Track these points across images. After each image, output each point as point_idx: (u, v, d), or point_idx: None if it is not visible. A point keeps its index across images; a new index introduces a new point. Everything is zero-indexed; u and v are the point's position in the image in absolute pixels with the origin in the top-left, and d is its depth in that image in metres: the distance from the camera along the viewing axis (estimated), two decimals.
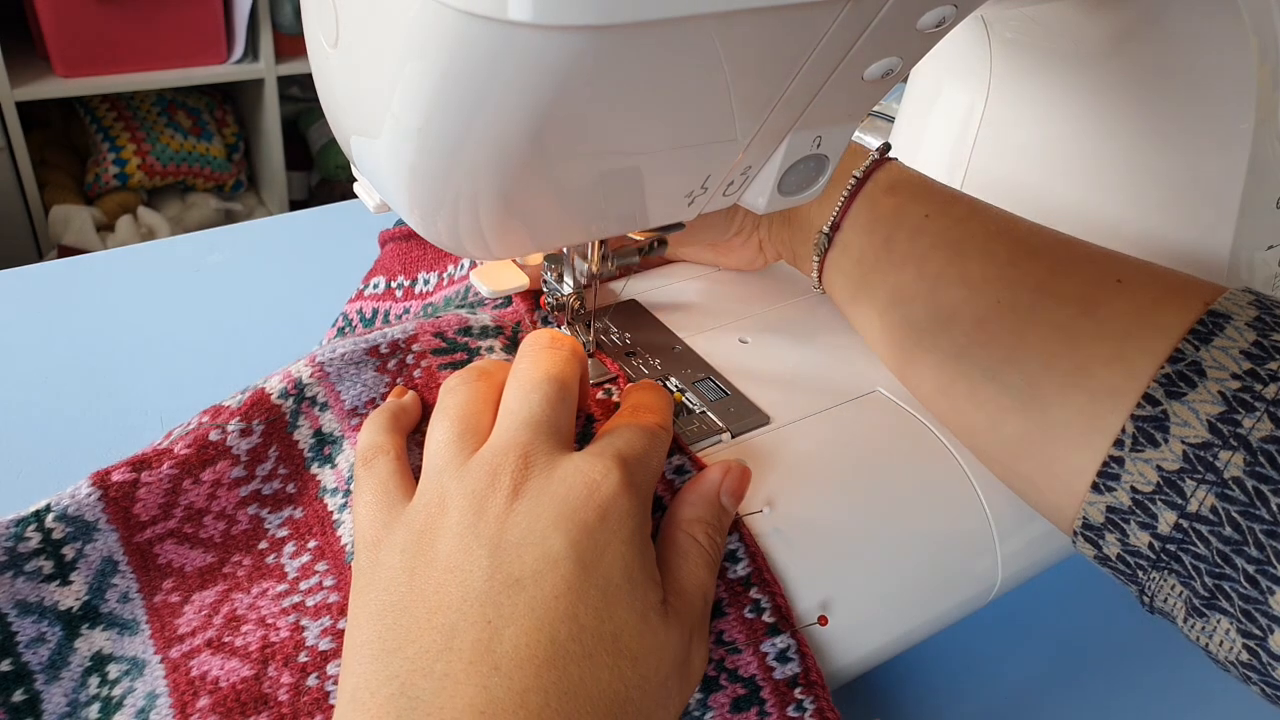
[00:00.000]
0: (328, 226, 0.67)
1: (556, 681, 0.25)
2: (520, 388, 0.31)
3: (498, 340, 0.40)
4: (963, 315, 0.35)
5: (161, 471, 0.34)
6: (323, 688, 0.30)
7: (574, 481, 0.28)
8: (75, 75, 1.57)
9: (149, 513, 0.34)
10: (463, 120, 0.22)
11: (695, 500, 0.32)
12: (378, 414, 0.34)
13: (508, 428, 0.30)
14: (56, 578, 0.32)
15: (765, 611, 0.32)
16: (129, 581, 0.33)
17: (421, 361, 0.38)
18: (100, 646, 0.32)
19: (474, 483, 0.29)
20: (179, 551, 0.34)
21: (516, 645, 0.25)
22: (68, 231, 1.63)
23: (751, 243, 0.46)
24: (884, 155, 0.40)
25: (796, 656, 0.31)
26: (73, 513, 0.33)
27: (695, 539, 0.31)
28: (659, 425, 0.32)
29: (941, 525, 0.36)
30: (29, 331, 0.53)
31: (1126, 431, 0.29)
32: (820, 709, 0.30)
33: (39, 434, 0.45)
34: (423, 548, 0.28)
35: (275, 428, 0.36)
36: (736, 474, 0.33)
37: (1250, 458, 0.27)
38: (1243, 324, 0.29)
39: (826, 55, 0.24)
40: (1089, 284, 0.33)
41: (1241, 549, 0.27)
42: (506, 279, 0.39)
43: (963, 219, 0.37)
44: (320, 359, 0.37)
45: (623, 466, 0.29)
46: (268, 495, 0.35)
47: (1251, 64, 0.37)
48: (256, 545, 0.35)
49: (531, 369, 0.32)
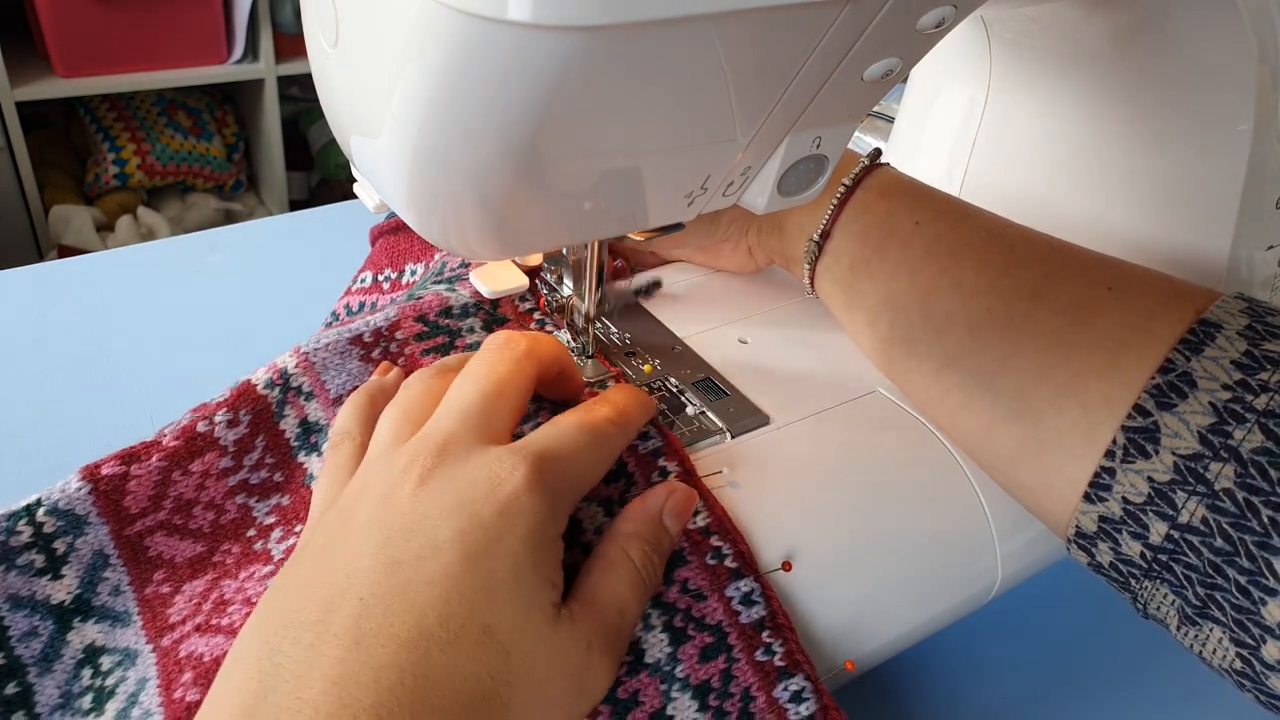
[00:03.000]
0: (328, 226, 0.67)
1: (415, 663, 0.25)
2: (459, 384, 0.32)
3: (478, 318, 0.40)
4: (955, 324, 0.35)
5: (150, 464, 0.34)
6: None
7: (479, 476, 0.28)
8: (75, 75, 1.57)
9: (139, 505, 0.34)
10: (462, 120, 0.22)
11: (636, 516, 0.32)
12: (356, 397, 0.35)
13: (437, 416, 0.31)
14: (48, 572, 0.33)
15: (727, 558, 0.32)
16: (120, 574, 0.34)
17: (405, 348, 0.38)
18: (93, 639, 0.32)
19: (393, 469, 0.29)
20: (169, 543, 0.34)
21: (381, 623, 0.25)
22: (68, 231, 1.63)
23: (741, 248, 0.46)
24: (875, 161, 0.40)
25: (761, 600, 0.31)
26: (63, 506, 0.33)
27: (627, 553, 0.30)
28: (607, 421, 0.32)
29: (941, 525, 0.36)
30: (29, 331, 0.53)
31: (1117, 443, 0.29)
32: (789, 651, 0.30)
33: (39, 434, 0.45)
34: (339, 528, 0.29)
35: (262, 418, 0.36)
36: (681, 496, 0.32)
37: (1241, 469, 0.27)
38: (1234, 333, 0.29)
39: (826, 56, 0.24)
40: (1081, 292, 0.33)
41: (1233, 560, 0.27)
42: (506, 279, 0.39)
43: (954, 226, 0.37)
44: (305, 350, 0.38)
45: (534, 464, 0.29)
46: (255, 484, 0.36)
47: (1251, 64, 0.37)
48: (245, 533, 0.35)
49: (475, 365, 0.32)
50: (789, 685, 0.30)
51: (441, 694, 0.25)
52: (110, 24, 1.54)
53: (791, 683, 0.30)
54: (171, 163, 1.73)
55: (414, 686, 0.25)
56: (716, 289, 0.47)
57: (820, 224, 0.40)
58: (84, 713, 0.31)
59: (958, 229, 0.37)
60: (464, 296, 0.41)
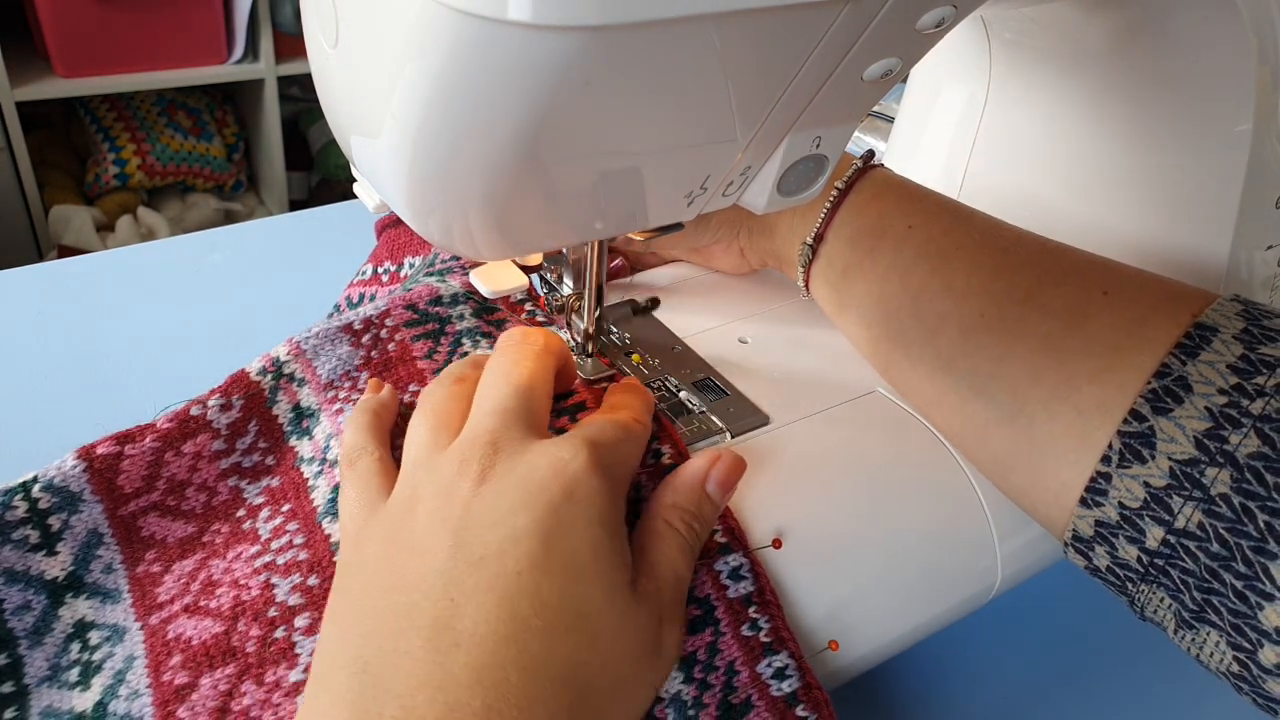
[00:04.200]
0: (328, 226, 0.67)
1: (515, 657, 0.25)
2: (490, 382, 0.32)
3: (467, 306, 0.41)
4: (948, 327, 0.35)
5: (144, 445, 0.35)
6: (290, 639, 0.31)
7: (540, 463, 0.28)
8: (75, 75, 1.57)
9: (132, 485, 0.35)
10: (462, 120, 0.22)
11: (677, 486, 0.32)
12: (358, 414, 0.35)
13: (476, 416, 0.31)
14: (43, 548, 0.33)
15: (717, 533, 0.32)
16: (113, 553, 0.34)
17: (395, 335, 0.39)
18: (83, 614, 0.33)
19: (444, 471, 0.29)
20: (161, 524, 0.35)
21: (476, 621, 0.25)
22: (68, 231, 1.63)
23: (732, 250, 0.46)
24: (868, 163, 0.40)
25: (750, 575, 0.31)
26: (58, 483, 0.34)
27: (672, 524, 0.31)
28: (634, 420, 0.33)
29: (941, 525, 0.36)
30: (29, 331, 0.53)
31: (1113, 448, 0.29)
32: (775, 628, 0.30)
33: (39, 434, 0.45)
34: (396, 537, 0.28)
35: (254, 402, 0.37)
36: (727, 463, 0.32)
37: (1237, 474, 0.27)
38: (1229, 337, 0.29)
39: (826, 56, 0.24)
40: (1075, 295, 0.33)
41: (1229, 565, 0.27)
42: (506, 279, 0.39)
43: (947, 229, 0.37)
44: (297, 339, 0.38)
45: (592, 448, 0.29)
46: (247, 468, 0.37)
47: (1251, 64, 0.37)
48: (235, 514, 0.36)
49: (500, 363, 0.32)
50: (772, 661, 0.30)
51: (543, 684, 0.25)
52: (110, 24, 1.54)
53: (775, 659, 0.30)
54: (171, 163, 1.73)
55: (518, 682, 0.25)
56: (717, 289, 0.47)
57: (813, 227, 0.40)
58: (70, 685, 0.32)
59: (950, 231, 0.37)
60: (454, 287, 0.41)
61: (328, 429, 0.37)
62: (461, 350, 0.40)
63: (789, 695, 0.29)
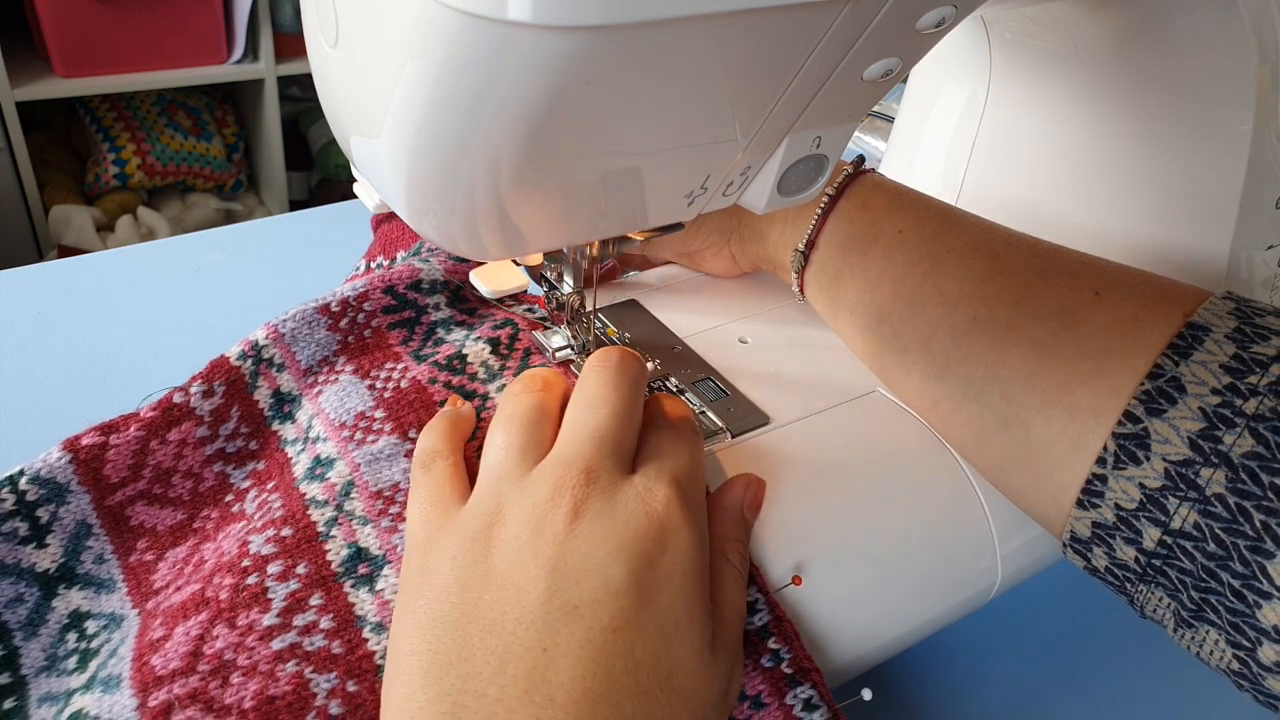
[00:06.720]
0: (328, 226, 0.67)
1: (609, 718, 0.25)
2: (588, 402, 0.31)
3: (443, 295, 0.41)
4: (940, 332, 0.35)
5: (129, 434, 0.35)
6: (262, 584, 0.31)
7: (635, 509, 0.28)
8: (75, 75, 1.57)
9: (119, 474, 0.35)
10: (462, 120, 0.22)
11: (723, 518, 0.32)
12: (437, 421, 0.34)
13: (572, 441, 0.30)
14: (33, 540, 0.34)
15: None
16: (103, 543, 0.34)
17: (372, 321, 0.39)
18: (78, 605, 0.33)
19: (535, 496, 0.28)
20: (150, 512, 0.35)
21: (572, 677, 0.25)
22: (68, 231, 1.63)
23: (723, 254, 0.46)
24: (858, 169, 0.40)
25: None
26: (45, 475, 0.34)
27: (728, 559, 0.31)
28: (694, 430, 0.33)
29: (941, 525, 0.36)
30: (29, 331, 0.53)
31: (1108, 450, 0.29)
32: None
33: (38, 434, 0.45)
34: (476, 558, 0.28)
35: (236, 388, 0.38)
36: (756, 487, 0.33)
37: (1232, 474, 0.27)
38: (1222, 336, 0.29)
39: (826, 56, 0.24)
40: (1067, 297, 0.33)
41: (1226, 564, 0.27)
42: (506, 279, 0.39)
43: (937, 233, 0.37)
44: (274, 322, 0.39)
45: (680, 494, 0.29)
46: (232, 453, 0.37)
47: (1251, 64, 0.37)
48: (223, 499, 0.36)
49: (598, 387, 0.32)
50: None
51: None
52: (110, 24, 1.54)
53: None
54: (171, 163, 1.73)
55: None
56: (717, 289, 0.47)
57: (805, 234, 0.40)
58: (69, 673, 0.32)
59: (941, 236, 0.37)
60: (435, 270, 0.41)
61: (309, 410, 0.37)
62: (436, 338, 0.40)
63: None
